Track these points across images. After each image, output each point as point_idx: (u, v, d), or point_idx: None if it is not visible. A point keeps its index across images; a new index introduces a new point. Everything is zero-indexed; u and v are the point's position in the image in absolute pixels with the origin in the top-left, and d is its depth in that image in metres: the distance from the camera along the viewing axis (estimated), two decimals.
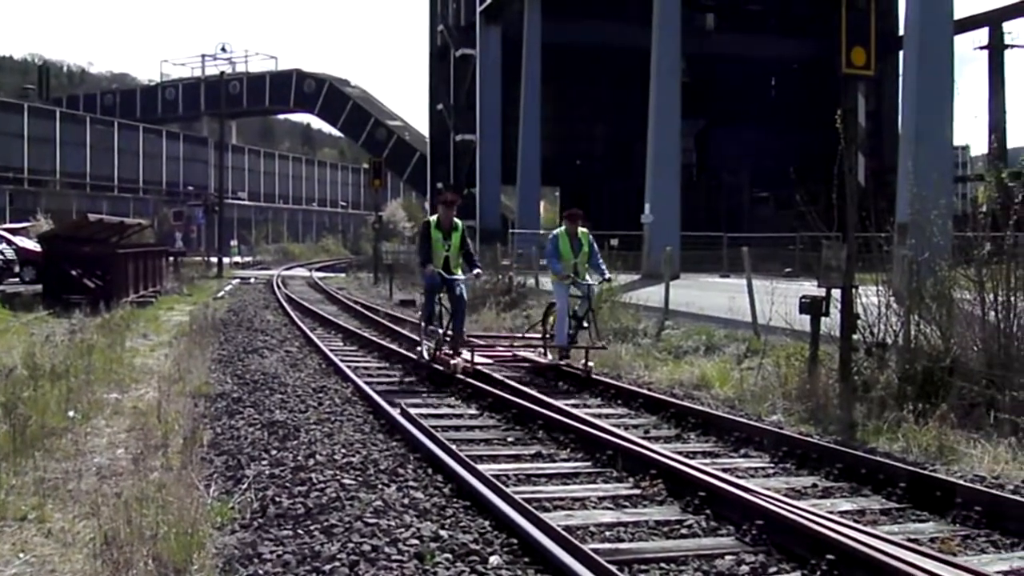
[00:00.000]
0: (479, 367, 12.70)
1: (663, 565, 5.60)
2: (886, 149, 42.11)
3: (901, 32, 32.18)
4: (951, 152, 25.05)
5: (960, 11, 48.78)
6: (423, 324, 13.56)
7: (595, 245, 13.67)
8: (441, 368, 12.71)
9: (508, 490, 6.74)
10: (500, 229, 46.04)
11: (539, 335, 14.72)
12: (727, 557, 5.71)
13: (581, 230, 13.43)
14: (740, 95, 55.24)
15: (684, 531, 6.25)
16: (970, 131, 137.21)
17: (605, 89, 55.22)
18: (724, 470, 7.52)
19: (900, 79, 31.00)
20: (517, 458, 8.49)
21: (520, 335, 16.28)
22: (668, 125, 33.61)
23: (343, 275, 50.06)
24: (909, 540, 5.74)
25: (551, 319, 13.96)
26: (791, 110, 54.09)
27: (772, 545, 5.84)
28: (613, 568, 5.13)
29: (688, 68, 41.60)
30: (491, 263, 27.81)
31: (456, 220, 13.19)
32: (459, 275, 13.18)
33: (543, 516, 6.07)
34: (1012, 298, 9.95)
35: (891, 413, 9.55)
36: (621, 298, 19.39)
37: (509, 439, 9.32)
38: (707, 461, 8.05)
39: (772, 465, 8.18)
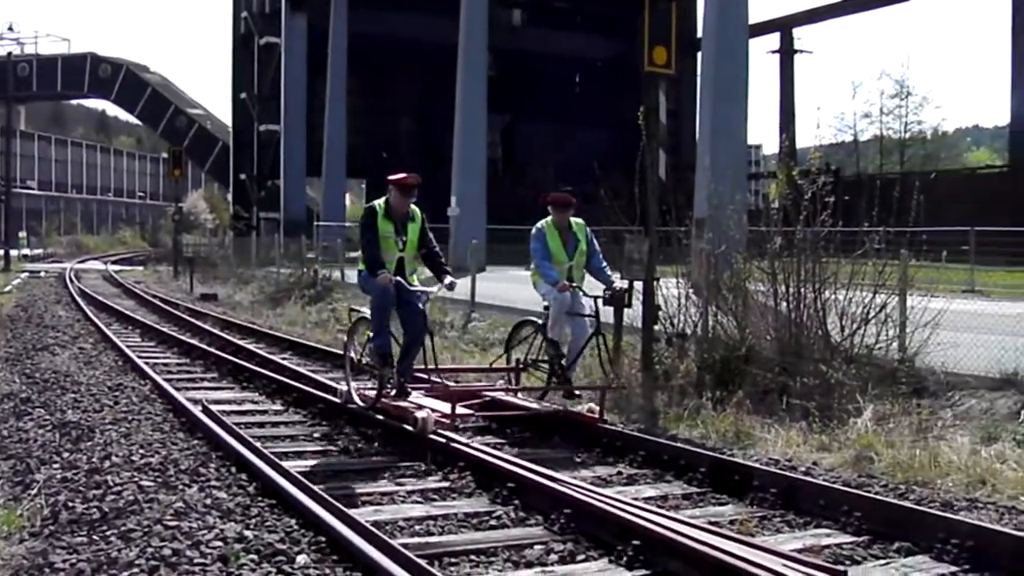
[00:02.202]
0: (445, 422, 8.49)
1: (473, 557, 5.60)
2: (685, 146, 43.59)
3: (700, 34, 33.31)
4: (746, 150, 26.11)
5: (754, 16, 50.84)
6: (355, 357, 9.65)
7: (595, 241, 10.15)
8: (396, 422, 8.73)
9: (315, 487, 6.61)
10: (305, 221, 45.31)
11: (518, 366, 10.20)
12: (536, 547, 5.75)
13: (575, 221, 9.93)
14: (546, 91, 56.10)
15: (493, 522, 6.27)
16: (763, 131, 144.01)
17: (412, 82, 55.14)
18: (533, 461, 7.58)
19: (699, 79, 32.11)
20: (324, 454, 8.37)
21: (490, 366, 11.38)
22: (474, 119, 33.83)
23: (141, 268, 48.29)
24: (710, 523, 5.91)
25: (534, 341, 10.03)
26: (596, 106, 55.27)
27: (580, 533, 5.92)
28: (423, 562, 5.08)
29: (495, 63, 42.04)
30: (295, 256, 27.34)
31: (414, 208, 9.29)
32: (419, 285, 9.33)
33: (351, 512, 5.98)
34: (802, 289, 10.42)
35: (691, 401, 9.87)
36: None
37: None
38: (516, 452, 8.12)
39: (579, 454, 8.31)
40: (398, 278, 8.97)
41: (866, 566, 5.59)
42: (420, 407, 8.54)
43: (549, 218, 9.97)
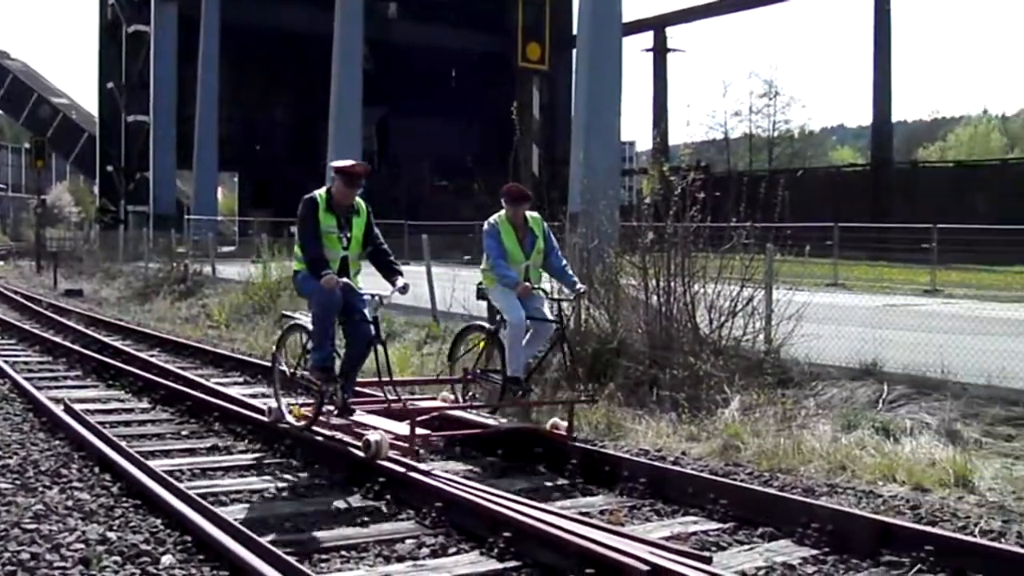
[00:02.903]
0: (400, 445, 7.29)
1: (344, 553, 5.57)
2: (559, 141, 43.94)
3: (575, 31, 33.60)
4: (619, 146, 26.43)
5: (629, 15, 51.52)
6: (287, 370, 8.42)
7: (552, 237, 9.12)
8: (337, 444, 7.73)
9: (181, 486, 6.48)
10: (175, 215, 44.27)
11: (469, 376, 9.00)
12: (408, 540, 5.75)
13: (531, 216, 8.89)
14: (422, 84, 55.88)
15: (365, 518, 6.23)
16: (637, 127, 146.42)
17: (286, 73, 54.37)
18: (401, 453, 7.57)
19: (573, 75, 32.47)
20: (192, 452, 8.22)
21: (437, 376, 9.93)
22: (349, 111, 33.56)
23: (1, 263, 46.54)
24: (580, 513, 6.01)
25: (479, 346, 9.10)
26: (472, 100, 55.33)
27: (452, 526, 5.95)
28: (292, 560, 5.02)
29: (371, 55, 41.73)
30: (165, 251, 26.73)
31: (359, 200, 8.16)
32: (365, 287, 8.16)
33: (219, 511, 5.87)
34: (672, 283, 10.61)
35: (564, 393, 9.94)
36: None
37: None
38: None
39: (452, 448, 8.32)
40: (345, 280, 7.87)
41: (731, 551, 5.73)
42: (370, 428, 7.44)
43: (502, 212, 8.84)
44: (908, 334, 11.34)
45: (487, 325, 9.29)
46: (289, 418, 8.18)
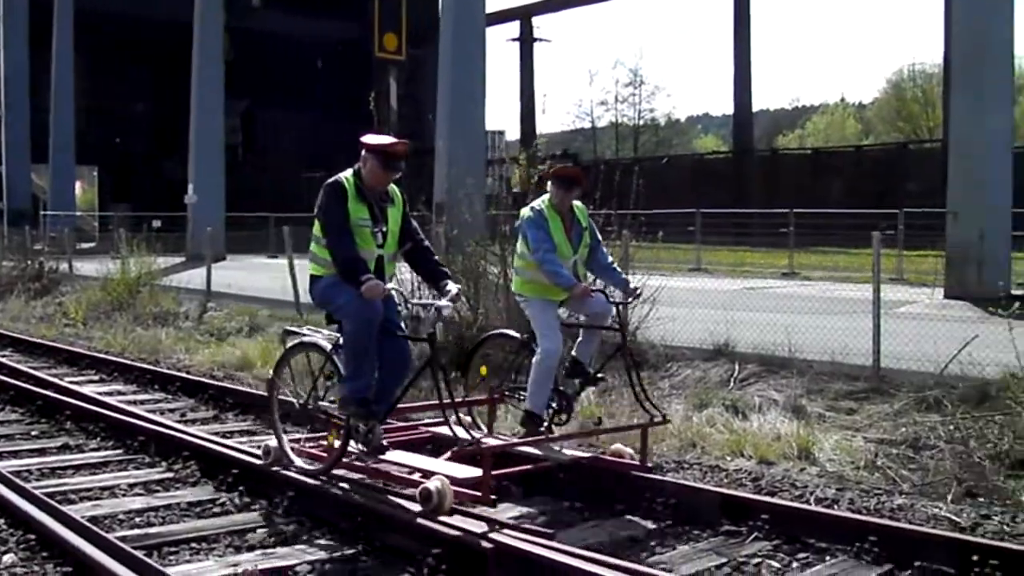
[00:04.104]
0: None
1: (194, 545, 5.56)
2: (426, 132, 43.89)
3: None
4: (483, 136, 26.50)
5: (494, 4, 51.94)
6: (297, 401, 6.70)
7: (596, 229, 7.53)
8: (371, 495, 6.00)
9: (28, 485, 6.35)
10: (30, 210, 42.73)
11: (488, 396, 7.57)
12: (259, 531, 5.76)
13: (577, 205, 7.28)
14: (288, 74, 55.12)
15: (217, 510, 6.23)
16: (506, 117, 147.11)
17: (146, 63, 52.89)
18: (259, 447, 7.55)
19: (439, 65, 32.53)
20: (42, 452, 8.01)
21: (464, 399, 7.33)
22: (211, 103, 32.88)
23: None
24: None
25: (514, 361, 7.43)
26: (337, 90, 54.75)
27: (304, 514, 5.98)
28: (139, 554, 4.98)
29: (233, 45, 40.97)
30: (20, 247, 25.84)
31: (393, 187, 6.53)
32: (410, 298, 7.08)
33: (66, 508, 5.78)
34: None
35: (425, 381, 9.99)
36: (162, 281, 18.84)
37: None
38: (244, 440, 8.05)
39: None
40: (393, 287, 6.50)
41: (580, 527, 5.89)
42: (425, 472, 5.88)
43: (545, 198, 7.20)
44: (762, 315, 11.74)
45: (514, 334, 7.56)
46: (297, 460, 6.47)
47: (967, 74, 17.57)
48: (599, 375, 7.43)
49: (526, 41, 58.88)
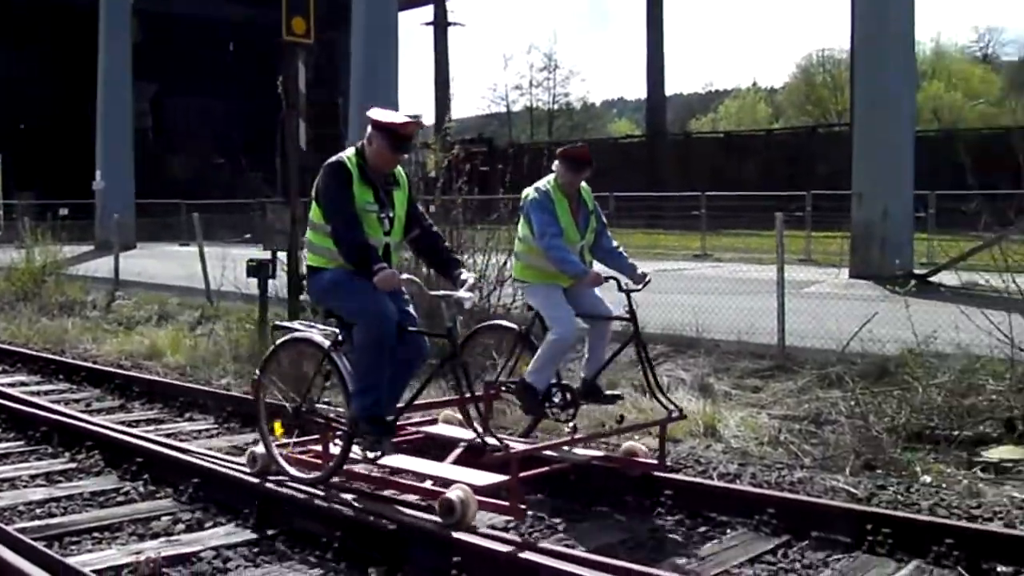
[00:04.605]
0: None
1: (96, 534, 5.48)
2: (339, 117, 43.52)
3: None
4: None
5: None
6: (290, 405, 6.00)
7: (601, 212, 7.04)
8: (370, 506, 5.37)
9: None
10: None
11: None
12: (164, 518, 5.70)
13: (583, 186, 6.83)
14: (199, 58, 54.16)
15: (120, 499, 6.14)
16: (422, 102, 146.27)
17: (51, 46, 51.59)
18: (167, 435, 7.50)
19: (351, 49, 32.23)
20: None
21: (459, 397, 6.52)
22: (118, 87, 32.22)
23: None
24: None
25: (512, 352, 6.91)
26: (249, 75, 53.95)
27: (210, 501, 5.93)
28: (40, 545, 4.91)
29: (141, 27, 40.10)
30: None
31: (399, 169, 5.94)
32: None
33: None
34: None
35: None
36: (69, 270, 18.47)
37: None
38: (150, 428, 7.96)
39: (217, 425, 8.31)
40: (408, 276, 5.89)
41: None
42: (445, 481, 5.27)
43: (550, 178, 6.74)
44: (671, 296, 11.86)
45: (511, 325, 7.14)
46: (289, 468, 5.83)
47: (869, 59, 18.00)
48: (616, 394, 6.82)
49: (440, 25, 58.68)
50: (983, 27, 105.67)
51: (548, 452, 5.99)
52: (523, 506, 5.32)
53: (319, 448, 5.87)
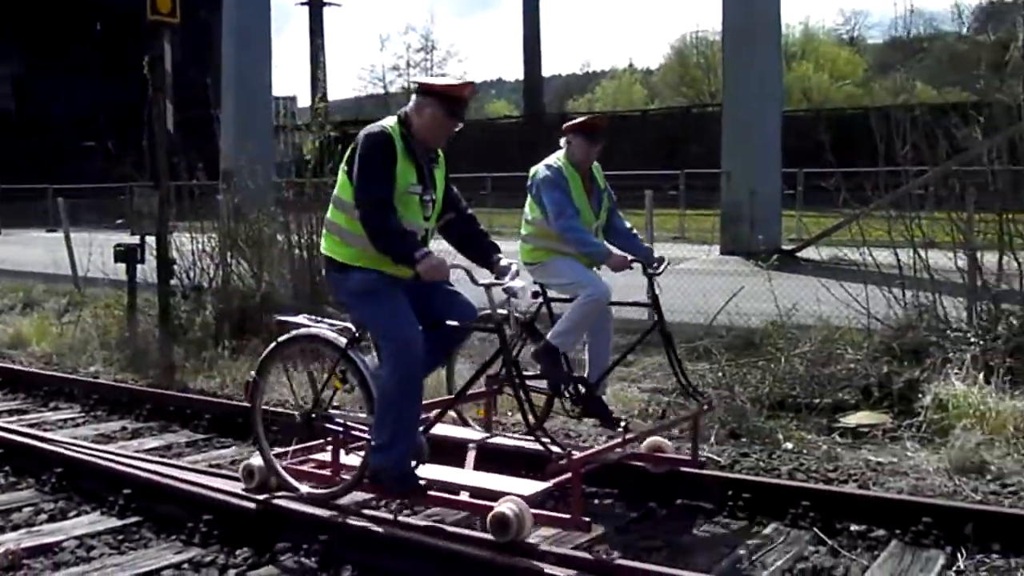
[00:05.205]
0: None
1: None
2: (212, 98, 42.63)
3: None
4: (271, 102, 26.05)
5: None
6: (298, 415, 5.23)
7: (612, 191, 6.47)
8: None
9: None
10: None
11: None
12: (25, 509, 5.56)
13: (594, 163, 6.32)
14: (64, 38, 52.41)
15: None
16: (298, 83, 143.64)
17: None
18: (31, 425, 7.33)
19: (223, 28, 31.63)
20: None
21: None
22: None
23: None
24: (211, 465, 6.07)
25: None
26: (118, 55, 52.41)
27: (73, 490, 5.81)
28: None
29: (2, 6, 38.68)
30: None
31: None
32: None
33: None
34: (314, 237, 10.72)
35: (209, 352, 9.87)
36: None
37: None
38: (13, 419, 7.74)
39: (83, 414, 8.14)
40: (458, 263, 4.97)
41: None
42: (495, 494, 4.63)
43: (561, 154, 6.21)
44: None
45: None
46: (294, 482, 5.15)
47: (738, 41, 18.43)
48: (620, 420, 5.73)
49: (315, 4, 57.91)
50: (849, 11, 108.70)
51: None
52: (587, 518, 4.66)
53: (320, 458, 5.27)
